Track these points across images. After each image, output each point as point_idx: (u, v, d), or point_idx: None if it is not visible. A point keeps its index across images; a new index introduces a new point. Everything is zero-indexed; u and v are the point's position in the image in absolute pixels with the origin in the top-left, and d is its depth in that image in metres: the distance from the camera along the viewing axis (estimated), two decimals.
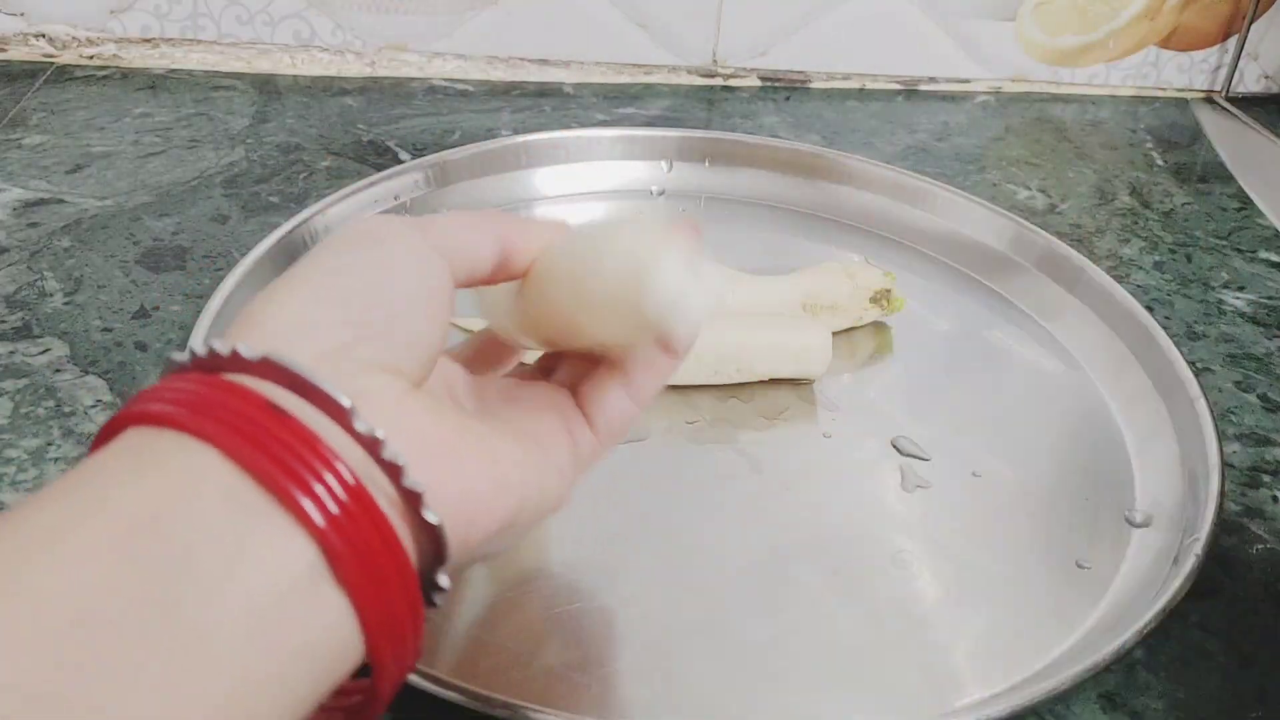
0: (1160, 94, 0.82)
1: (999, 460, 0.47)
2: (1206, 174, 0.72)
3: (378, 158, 0.65)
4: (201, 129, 0.66)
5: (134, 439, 0.23)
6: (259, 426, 0.23)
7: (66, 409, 0.45)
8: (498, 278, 0.32)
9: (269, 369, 0.24)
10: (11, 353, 0.48)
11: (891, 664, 0.38)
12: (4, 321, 0.50)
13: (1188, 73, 0.81)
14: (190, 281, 0.53)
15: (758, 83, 0.78)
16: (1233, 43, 0.80)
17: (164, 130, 0.66)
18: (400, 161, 0.64)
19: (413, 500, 0.24)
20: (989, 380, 0.52)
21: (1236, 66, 0.80)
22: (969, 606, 0.40)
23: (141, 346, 0.49)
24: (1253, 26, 0.79)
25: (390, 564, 0.24)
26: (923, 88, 0.79)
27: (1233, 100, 0.81)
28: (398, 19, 0.74)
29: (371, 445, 0.24)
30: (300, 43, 0.74)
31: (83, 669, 0.19)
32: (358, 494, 0.23)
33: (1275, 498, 0.46)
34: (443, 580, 0.26)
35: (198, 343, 0.25)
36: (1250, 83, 0.82)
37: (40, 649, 0.19)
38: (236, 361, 0.24)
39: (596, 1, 0.74)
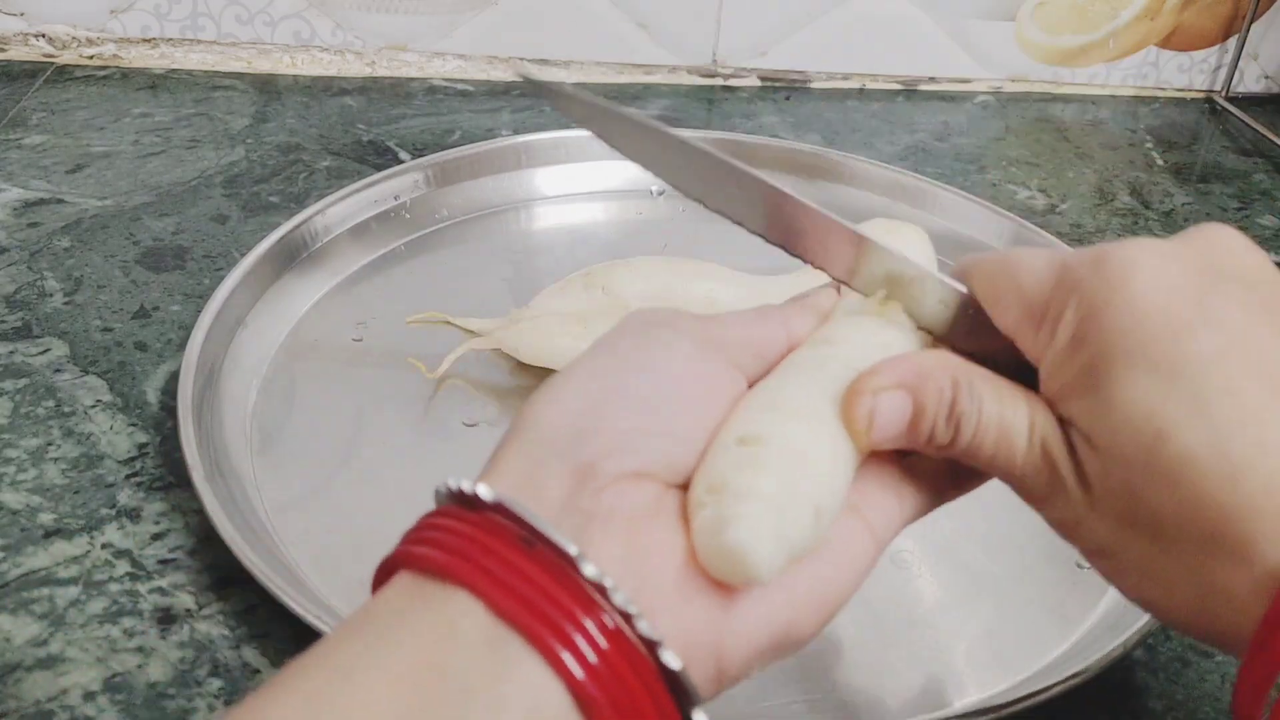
0: (1160, 94, 0.82)
1: None
2: (1206, 174, 0.72)
3: (378, 158, 0.65)
4: (201, 129, 0.66)
5: (407, 584, 0.25)
6: (513, 569, 0.24)
7: (66, 409, 0.45)
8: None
9: (504, 513, 0.25)
10: (11, 353, 0.48)
11: (891, 664, 0.38)
12: (4, 321, 0.50)
13: (1188, 73, 0.81)
14: (190, 281, 0.53)
15: (758, 83, 0.78)
16: (1233, 43, 0.80)
17: (164, 130, 0.66)
18: (400, 161, 0.64)
19: (650, 646, 0.24)
20: None
21: (1236, 66, 0.80)
22: (969, 606, 0.40)
23: (141, 346, 0.49)
24: (1253, 26, 0.79)
25: (649, 708, 0.24)
26: (923, 88, 0.79)
27: (1233, 100, 0.81)
28: (398, 19, 0.74)
29: (600, 591, 0.24)
30: (300, 43, 0.74)
31: None
32: (616, 640, 0.24)
33: None
34: (699, 717, 0.25)
35: (453, 480, 0.26)
36: (1250, 83, 0.82)
37: None
38: (481, 502, 0.25)
39: (596, 1, 0.74)
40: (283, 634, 0.37)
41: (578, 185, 0.63)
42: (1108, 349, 0.26)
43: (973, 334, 0.31)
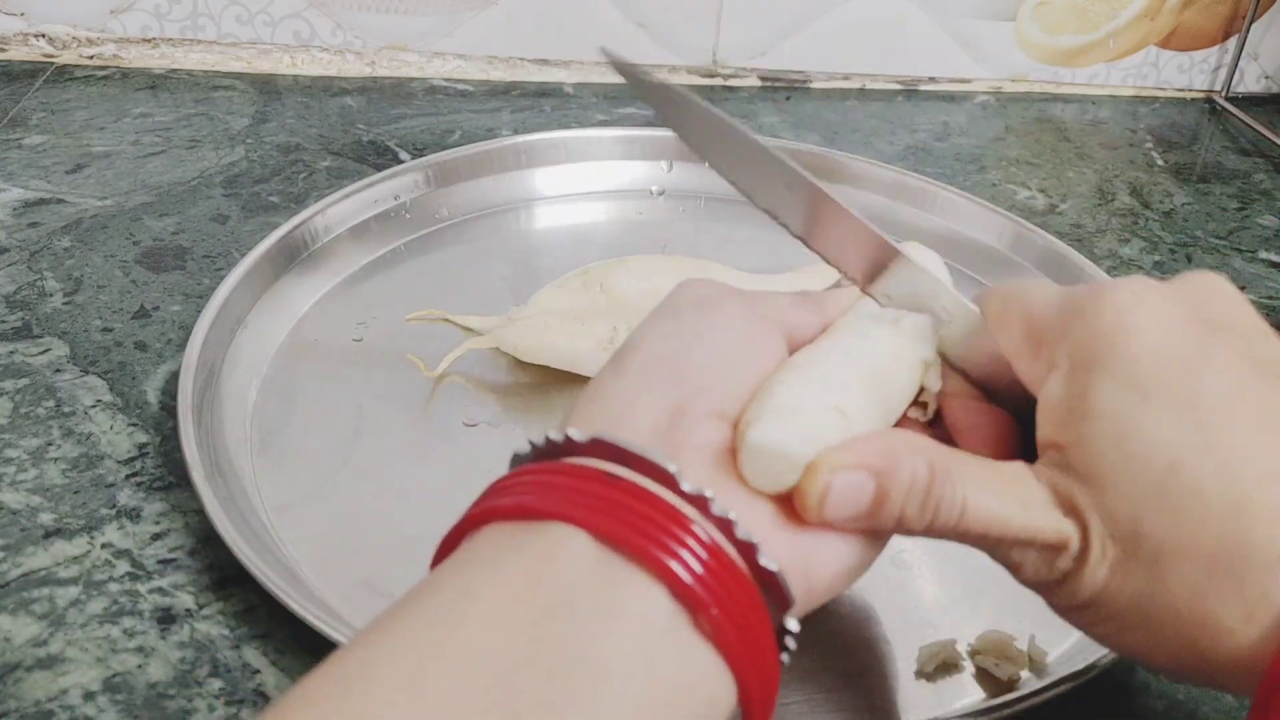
0: (1160, 94, 0.82)
1: None
2: (1206, 174, 0.72)
3: (378, 158, 0.65)
4: (201, 129, 0.66)
5: (496, 532, 0.26)
6: (608, 500, 0.25)
7: (66, 409, 0.45)
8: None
9: (600, 448, 0.26)
10: (11, 353, 0.48)
11: (891, 663, 0.38)
12: (4, 321, 0.50)
13: (1188, 73, 0.81)
14: (190, 281, 0.53)
15: (758, 83, 0.78)
16: (1233, 43, 0.80)
17: (164, 130, 0.66)
18: (400, 161, 0.64)
19: (748, 551, 0.26)
20: None
21: (1236, 66, 0.80)
22: (969, 606, 0.40)
23: (141, 346, 0.49)
24: (1253, 26, 0.79)
25: (752, 613, 0.25)
26: (923, 88, 0.79)
27: (1233, 100, 0.81)
28: (398, 19, 0.74)
29: (701, 504, 0.25)
30: (300, 43, 0.74)
31: (510, 714, 0.22)
32: (714, 551, 0.25)
33: None
34: (792, 624, 0.27)
35: (539, 435, 0.27)
36: (1250, 83, 0.82)
37: (473, 701, 0.22)
38: (571, 446, 0.27)
39: (596, 1, 0.74)
40: (283, 634, 0.37)
41: (578, 185, 0.63)
42: (1117, 377, 0.27)
43: (984, 360, 0.32)
